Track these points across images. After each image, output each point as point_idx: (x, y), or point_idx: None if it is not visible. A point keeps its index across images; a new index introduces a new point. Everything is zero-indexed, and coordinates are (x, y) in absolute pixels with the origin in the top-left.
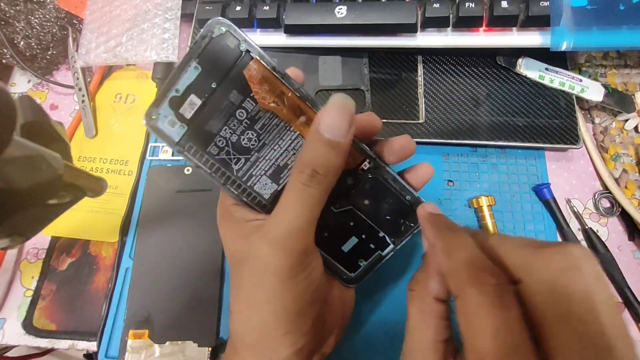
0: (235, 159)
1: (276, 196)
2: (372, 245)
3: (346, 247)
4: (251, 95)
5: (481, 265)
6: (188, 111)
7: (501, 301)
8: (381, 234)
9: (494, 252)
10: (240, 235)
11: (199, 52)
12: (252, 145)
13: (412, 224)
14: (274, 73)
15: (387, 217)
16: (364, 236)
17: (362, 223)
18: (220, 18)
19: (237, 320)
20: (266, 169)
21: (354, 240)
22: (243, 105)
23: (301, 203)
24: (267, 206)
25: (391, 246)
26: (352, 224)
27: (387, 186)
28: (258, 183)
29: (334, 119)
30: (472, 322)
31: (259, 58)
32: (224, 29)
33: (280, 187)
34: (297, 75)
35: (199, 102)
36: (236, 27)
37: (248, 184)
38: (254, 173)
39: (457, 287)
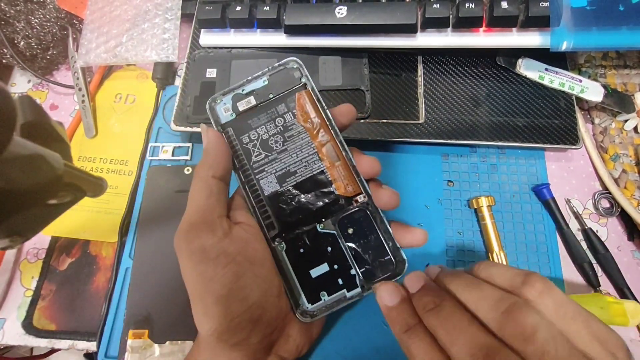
0: (257, 152)
1: (273, 196)
2: (340, 281)
3: (315, 273)
4: (294, 111)
5: None
6: (243, 106)
7: None
8: (353, 272)
9: (470, 302)
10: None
11: (273, 72)
12: (276, 146)
13: (386, 274)
14: (317, 103)
15: (365, 256)
16: (335, 266)
17: (339, 252)
18: (296, 59)
19: None
20: (277, 169)
21: (324, 267)
22: (284, 115)
23: None
24: (262, 201)
25: (358, 289)
26: (329, 249)
27: (373, 224)
28: (265, 179)
29: None
30: None
31: (310, 90)
32: (295, 65)
33: (281, 189)
34: (348, 111)
35: (254, 102)
36: (304, 67)
37: (257, 176)
38: (266, 169)
39: None
